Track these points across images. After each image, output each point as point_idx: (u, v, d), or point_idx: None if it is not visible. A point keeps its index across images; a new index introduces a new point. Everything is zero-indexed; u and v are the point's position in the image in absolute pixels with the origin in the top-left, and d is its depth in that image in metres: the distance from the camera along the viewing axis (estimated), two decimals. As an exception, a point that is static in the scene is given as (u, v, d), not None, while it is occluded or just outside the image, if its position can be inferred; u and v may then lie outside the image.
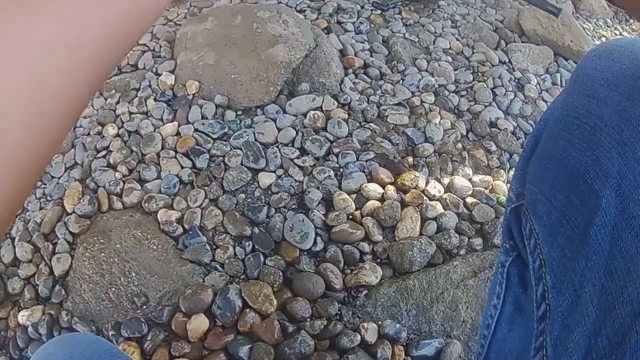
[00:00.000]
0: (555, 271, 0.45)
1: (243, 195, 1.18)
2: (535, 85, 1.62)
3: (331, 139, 1.28)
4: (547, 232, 0.47)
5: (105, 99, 1.48)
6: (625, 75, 0.46)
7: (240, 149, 1.25)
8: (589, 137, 0.45)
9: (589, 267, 0.42)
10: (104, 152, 1.32)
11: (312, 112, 1.33)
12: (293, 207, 1.16)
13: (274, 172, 1.22)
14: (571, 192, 0.45)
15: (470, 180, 1.28)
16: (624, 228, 0.40)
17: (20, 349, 1.08)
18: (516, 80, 1.61)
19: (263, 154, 1.24)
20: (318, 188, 1.18)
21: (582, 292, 0.42)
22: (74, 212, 1.20)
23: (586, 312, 0.41)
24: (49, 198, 1.27)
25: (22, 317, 1.09)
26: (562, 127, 0.49)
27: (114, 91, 1.50)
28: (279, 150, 1.25)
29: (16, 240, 1.21)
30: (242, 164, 1.23)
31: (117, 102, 1.46)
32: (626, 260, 0.39)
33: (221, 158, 1.25)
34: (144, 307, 1.07)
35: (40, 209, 1.26)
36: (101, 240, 1.14)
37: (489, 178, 1.30)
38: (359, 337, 1.00)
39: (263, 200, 1.18)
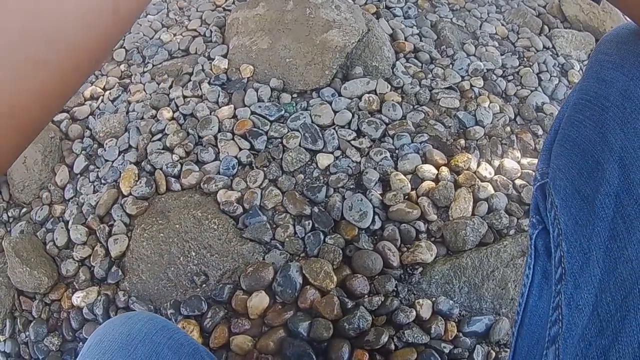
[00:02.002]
0: (570, 238, 0.48)
1: (302, 176, 1.22)
2: (579, 71, 1.62)
3: (386, 121, 1.31)
4: (563, 204, 0.50)
5: (158, 84, 1.51)
6: (630, 55, 0.48)
7: (298, 130, 1.28)
8: (598, 116, 0.48)
9: (595, 232, 0.45)
10: (159, 135, 1.35)
11: (367, 95, 1.35)
12: (351, 187, 1.19)
13: (332, 153, 1.25)
14: (582, 167, 0.49)
15: (519, 162, 1.29)
16: (625, 195, 0.44)
17: (73, 330, 1.11)
18: (560, 66, 1.62)
19: (320, 135, 1.27)
20: (375, 169, 1.21)
21: (590, 255, 0.46)
22: (130, 194, 1.23)
23: (593, 272, 0.45)
24: (103, 181, 1.30)
25: (77, 298, 1.12)
26: (576, 109, 0.52)
27: (166, 76, 1.53)
28: (336, 132, 1.28)
29: (70, 223, 1.24)
30: (300, 145, 1.26)
31: (170, 87, 1.49)
32: (626, 224, 0.43)
33: (279, 140, 1.28)
34: (204, 285, 1.09)
35: (95, 191, 1.29)
36: (160, 221, 1.17)
37: (536, 161, 1.32)
38: (414, 313, 1.02)
39: (322, 181, 1.21)
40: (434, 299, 1.06)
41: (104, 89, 1.56)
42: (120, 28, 0.36)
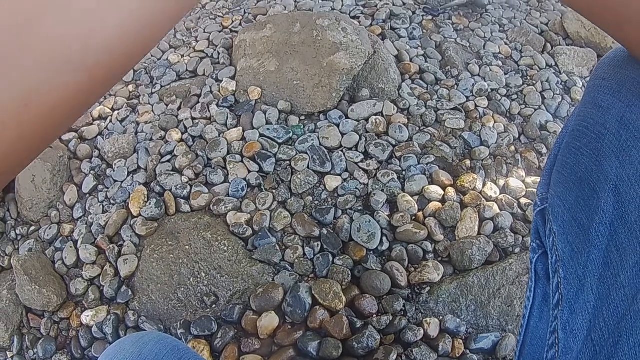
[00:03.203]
0: (566, 265, 0.50)
1: (310, 198, 1.23)
2: (581, 88, 1.63)
3: (393, 143, 1.32)
4: (561, 231, 0.52)
5: (166, 105, 1.53)
6: (627, 81, 0.49)
7: (306, 153, 1.30)
8: (594, 144, 0.49)
9: (590, 260, 0.47)
10: (168, 157, 1.36)
11: (374, 117, 1.37)
12: (359, 208, 1.21)
13: (340, 175, 1.27)
14: (579, 195, 0.50)
15: (523, 181, 1.31)
16: (619, 224, 0.45)
17: (82, 349, 1.12)
18: (563, 84, 1.63)
19: (328, 157, 1.28)
20: (383, 190, 1.22)
21: (585, 282, 0.47)
22: (140, 214, 1.24)
23: (588, 299, 0.47)
24: (112, 201, 1.31)
25: (86, 317, 1.14)
26: (574, 136, 0.53)
27: (174, 97, 1.54)
28: (344, 154, 1.29)
29: (79, 242, 1.25)
30: (308, 167, 1.27)
31: (179, 108, 1.51)
32: (620, 251, 0.44)
33: (288, 162, 1.29)
34: (214, 306, 1.11)
35: (104, 212, 1.30)
36: (169, 242, 1.18)
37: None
38: (422, 332, 1.04)
39: (330, 202, 1.22)
40: (441, 317, 1.08)
41: (113, 109, 1.58)
42: (154, 39, 0.37)
